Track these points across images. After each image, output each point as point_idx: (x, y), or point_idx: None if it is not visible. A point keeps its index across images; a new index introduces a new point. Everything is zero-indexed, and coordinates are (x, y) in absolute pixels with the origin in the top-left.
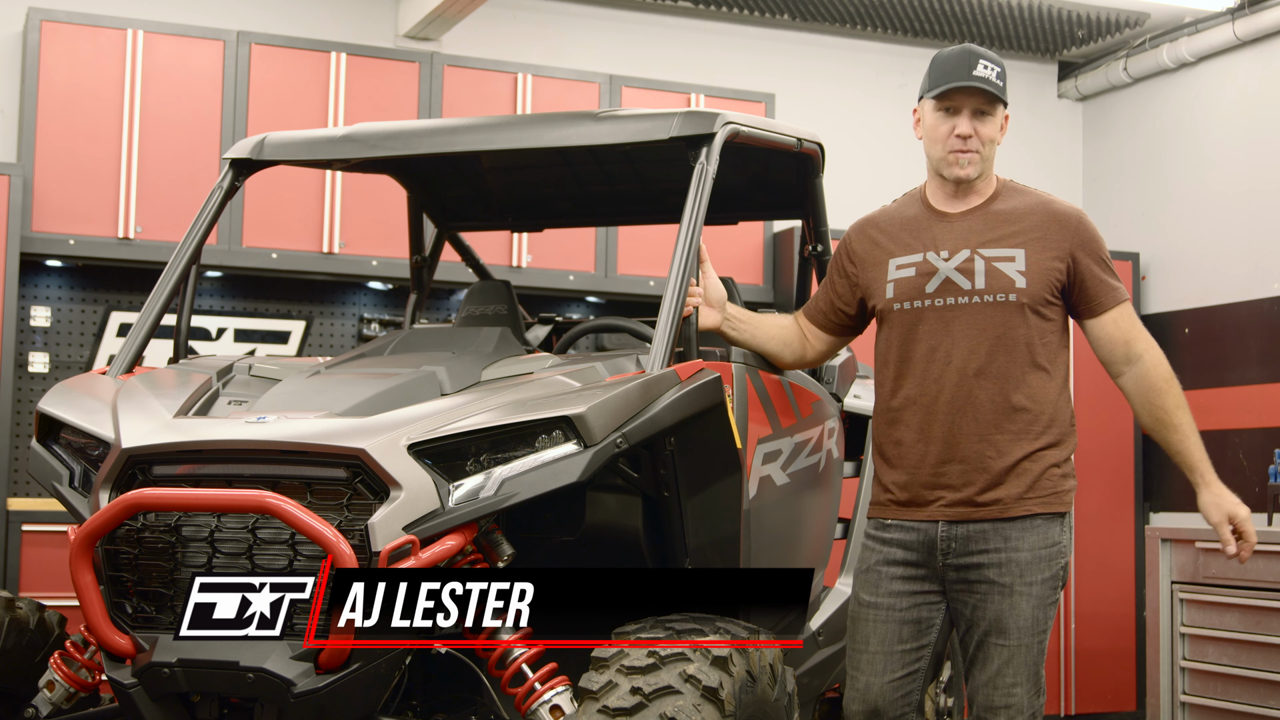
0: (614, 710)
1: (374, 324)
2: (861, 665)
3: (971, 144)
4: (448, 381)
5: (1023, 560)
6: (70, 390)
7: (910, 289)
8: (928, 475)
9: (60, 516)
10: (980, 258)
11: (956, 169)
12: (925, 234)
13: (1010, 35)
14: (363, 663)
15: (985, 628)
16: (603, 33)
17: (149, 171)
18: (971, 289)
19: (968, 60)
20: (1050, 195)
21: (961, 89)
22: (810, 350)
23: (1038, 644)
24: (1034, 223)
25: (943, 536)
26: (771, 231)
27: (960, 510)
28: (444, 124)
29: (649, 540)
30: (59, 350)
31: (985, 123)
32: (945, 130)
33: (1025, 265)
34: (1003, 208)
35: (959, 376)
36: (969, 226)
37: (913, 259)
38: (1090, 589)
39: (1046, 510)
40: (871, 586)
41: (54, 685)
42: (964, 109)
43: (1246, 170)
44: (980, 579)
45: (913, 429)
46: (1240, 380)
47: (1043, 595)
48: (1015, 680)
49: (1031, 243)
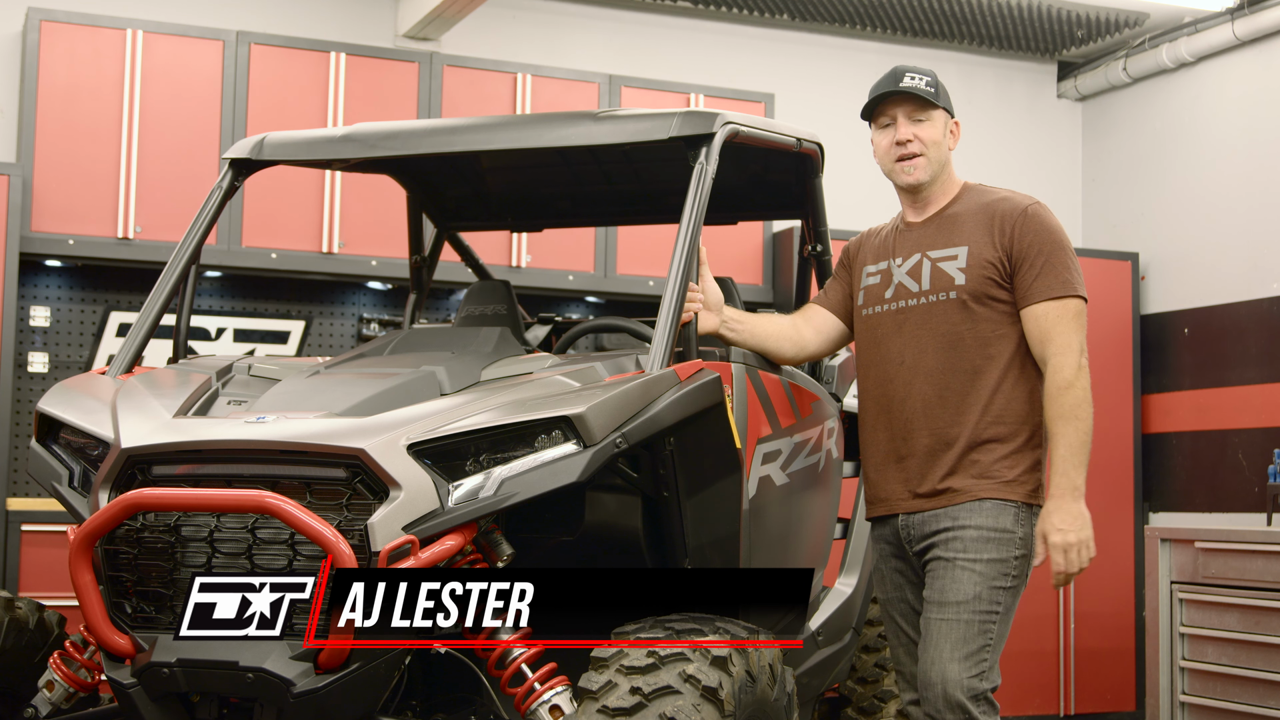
0: (613, 710)
1: (373, 324)
2: (900, 656)
3: (912, 147)
4: (447, 381)
5: (968, 536)
6: (70, 390)
7: (873, 296)
8: (890, 472)
9: (60, 516)
10: (927, 260)
11: (904, 175)
12: (893, 244)
13: (1009, 35)
14: (362, 663)
15: (929, 601)
16: (602, 33)
17: (148, 171)
18: (919, 290)
19: (894, 75)
20: (1011, 192)
21: (888, 97)
22: (812, 341)
23: (979, 621)
24: (981, 219)
25: (902, 526)
26: (771, 231)
27: (915, 503)
28: (443, 124)
29: (648, 540)
30: (58, 350)
31: (923, 127)
32: (886, 142)
33: (966, 262)
34: (957, 210)
35: (910, 375)
36: (924, 233)
37: (879, 267)
38: (1090, 589)
39: (995, 495)
40: (881, 584)
41: (53, 685)
42: (899, 118)
43: (1246, 170)
44: (932, 558)
45: (875, 429)
46: (1239, 380)
47: (988, 574)
48: (952, 655)
49: (975, 239)
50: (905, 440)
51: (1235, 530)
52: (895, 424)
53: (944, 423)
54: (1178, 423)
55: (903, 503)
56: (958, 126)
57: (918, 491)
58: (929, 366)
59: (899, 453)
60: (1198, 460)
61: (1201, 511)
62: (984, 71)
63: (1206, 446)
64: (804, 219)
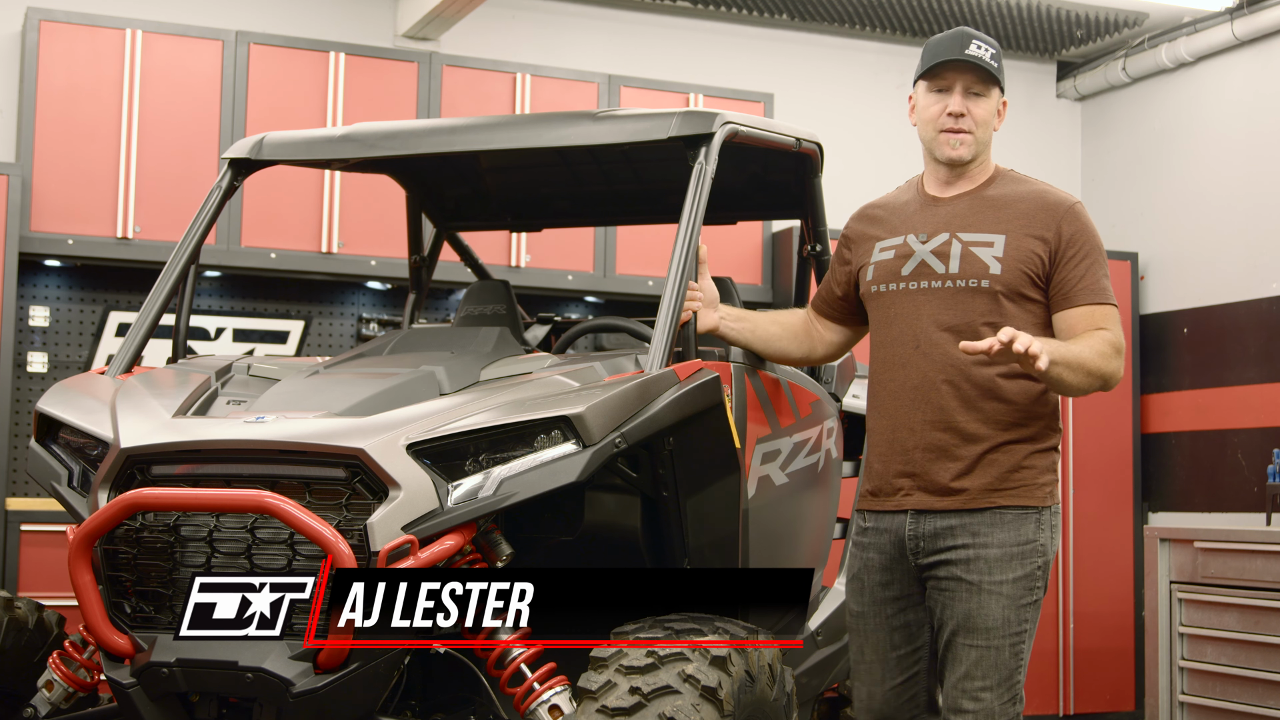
0: (613, 710)
1: (373, 324)
2: (861, 675)
3: (964, 123)
4: (446, 381)
5: (991, 556)
6: (69, 390)
7: (887, 272)
8: (896, 462)
9: (59, 516)
10: (958, 241)
11: (948, 149)
12: (913, 217)
13: (1009, 35)
14: (361, 662)
15: (954, 627)
16: (601, 32)
17: (148, 171)
18: (945, 273)
19: (960, 40)
20: (1049, 186)
21: (953, 64)
22: (820, 344)
23: (1010, 646)
24: (1022, 210)
25: (910, 534)
26: (770, 231)
27: (924, 499)
28: (443, 124)
29: (648, 540)
30: (58, 350)
31: (979, 103)
32: (937, 110)
33: (1003, 251)
34: (994, 194)
35: (925, 362)
36: (954, 210)
37: (894, 242)
38: (1089, 589)
39: (1017, 504)
40: (857, 595)
41: (53, 685)
42: (956, 87)
43: (1245, 170)
44: (948, 576)
45: (883, 414)
46: (1239, 380)
47: (1015, 595)
48: (985, 684)
49: (1014, 229)
50: (914, 430)
51: (1234, 530)
52: (904, 412)
53: (961, 418)
54: (1177, 423)
55: (909, 498)
56: (1005, 106)
57: (926, 487)
58: (946, 356)
59: (905, 443)
60: (1197, 460)
61: (1201, 511)
62: None
63: (1206, 446)
64: (803, 219)
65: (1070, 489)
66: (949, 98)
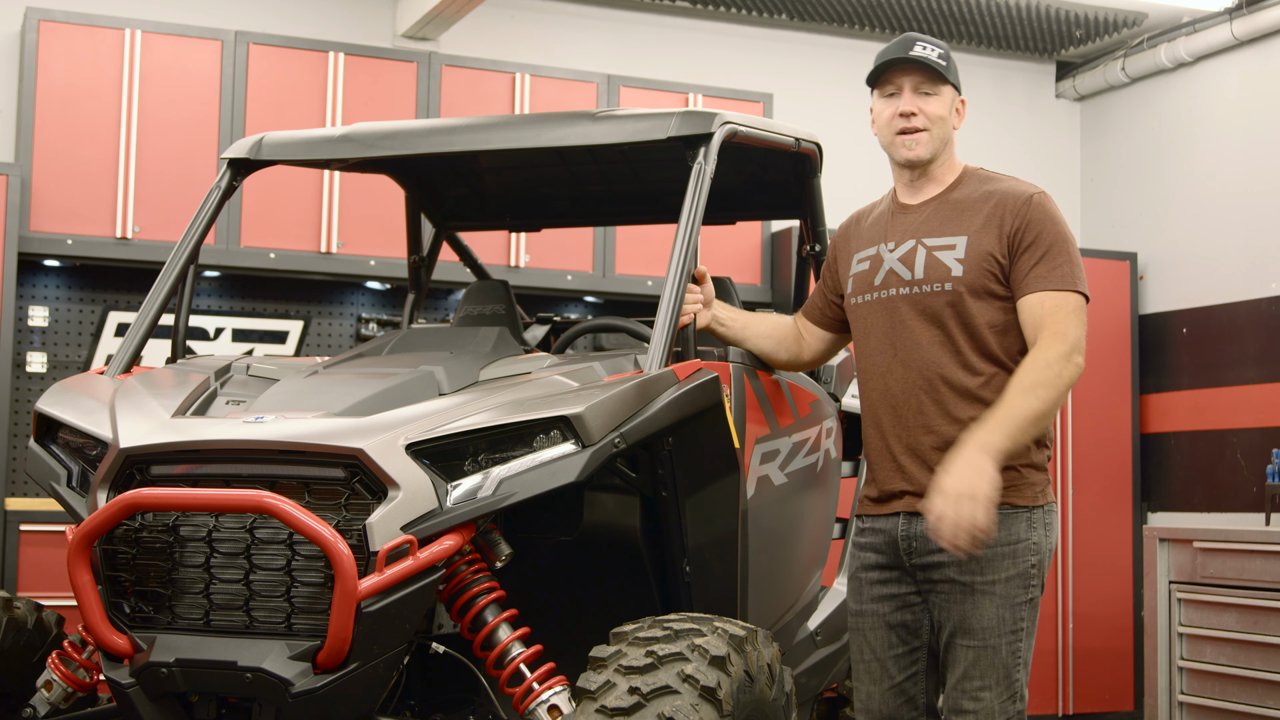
0: (612, 710)
1: (372, 324)
2: (860, 675)
3: (916, 121)
4: (446, 381)
5: (983, 556)
6: (68, 390)
7: (862, 283)
8: (887, 467)
9: (58, 516)
10: (923, 247)
11: (904, 151)
12: (886, 227)
13: (1008, 35)
14: (361, 662)
15: (951, 629)
16: (600, 32)
17: (147, 171)
18: (912, 279)
19: (905, 43)
20: (1017, 181)
21: (898, 66)
22: (807, 350)
23: (1007, 645)
24: (984, 209)
25: (903, 535)
26: (769, 231)
27: (914, 502)
28: (442, 124)
29: (646, 540)
30: (57, 350)
31: (929, 101)
32: (889, 113)
33: (964, 253)
34: (959, 195)
35: (904, 369)
36: (921, 218)
37: (869, 253)
38: (1088, 589)
39: (1006, 503)
40: (855, 594)
41: (52, 685)
42: (905, 88)
43: (1244, 170)
44: (942, 578)
45: (871, 422)
46: (1238, 380)
47: (1008, 594)
48: (984, 684)
49: (976, 229)
50: (900, 437)
51: (1234, 530)
52: (890, 417)
53: (941, 421)
54: (1176, 423)
55: (899, 501)
56: (964, 105)
57: (917, 491)
58: (923, 360)
59: (893, 448)
60: (1196, 460)
61: (1200, 511)
62: (982, 71)
63: (1205, 446)
64: (802, 219)
65: (1069, 489)
66: (898, 100)
